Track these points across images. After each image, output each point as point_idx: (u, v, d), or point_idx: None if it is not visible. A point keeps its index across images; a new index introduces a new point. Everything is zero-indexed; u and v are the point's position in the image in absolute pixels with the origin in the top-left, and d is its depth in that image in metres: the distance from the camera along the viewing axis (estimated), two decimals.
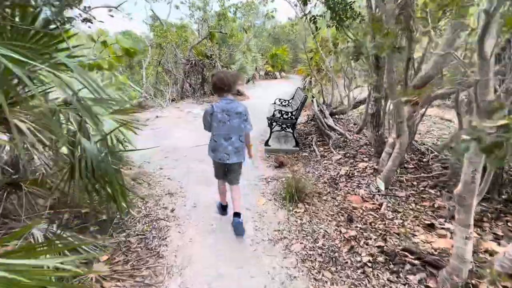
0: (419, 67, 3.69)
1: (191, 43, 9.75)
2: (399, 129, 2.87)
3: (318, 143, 4.91)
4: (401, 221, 2.50)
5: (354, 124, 6.21)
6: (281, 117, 4.58)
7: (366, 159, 3.98)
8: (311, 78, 11.78)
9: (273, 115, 4.62)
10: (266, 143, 4.59)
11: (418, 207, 2.69)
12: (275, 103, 6.55)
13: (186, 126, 6.16)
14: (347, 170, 3.66)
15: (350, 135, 5.05)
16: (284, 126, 4.62)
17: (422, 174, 3.28)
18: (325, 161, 4.05)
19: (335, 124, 5.54)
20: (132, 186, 3.26)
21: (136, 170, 3.72)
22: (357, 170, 3.66)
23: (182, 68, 9.79)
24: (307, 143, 4.96)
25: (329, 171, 3.74)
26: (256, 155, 4.36)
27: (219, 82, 2.22)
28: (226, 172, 2.50)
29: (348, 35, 3.76)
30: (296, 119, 4.58)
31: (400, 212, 2.63)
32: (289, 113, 4.56)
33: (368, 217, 2.63)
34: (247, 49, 12.57)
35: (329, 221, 2.64)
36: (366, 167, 3.70)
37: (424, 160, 3.70)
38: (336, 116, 6.75)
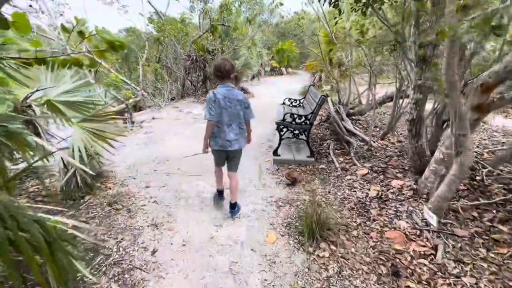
0: (471, 58, 2.91)
1: (193, 37, 8.99)
2: (459, 145, 2.10)
3: (337, 151, 4.14)
4: (474, 280, 1.75)
5: (375, 126, 5.42)
6: (293, 122, 3.81)
7: (399, 174, 3.21)
8: (321, 74, 10.95)
9: (284, 119, 3.86)
10: (275, 153, 3.85)
11: (493, 255, 1.93)
12: (284, 103, 5.78)
13: (184, 131, 5.46)
14: (378, 191, 2.90)
15: (374, 141, 4.28)
16: (296, 132, 3.85)
17: (481, 200, 2.51)
18: (348, 177, 3.30)
19: (355, 128, 4.77)
20: (108, 213, 2.59)
21: (117, 189, 3.04)
22: (391, 190, 2.90)
23: (183, 65, 9.05)
24: (323, 151, 4.20)
25: (355, 191, 2.99)
26: (263, 168, 3.64)
27: (216, 69, 2.28)
28: (227, 159, 2.52)
29: (379, 19, 2.98)
30: (311, 124, 3.81)
31: (467, 264, 1.87)
32: (303, 117, 3.79)
33: (421, 269, 1.89)
34: (252, 44, 11.75)
35: (366, 273, 1.91)
36: (402, 187, 2.94)
37: (477, 178, 2.91)
38: (353, 117, 5.97)
